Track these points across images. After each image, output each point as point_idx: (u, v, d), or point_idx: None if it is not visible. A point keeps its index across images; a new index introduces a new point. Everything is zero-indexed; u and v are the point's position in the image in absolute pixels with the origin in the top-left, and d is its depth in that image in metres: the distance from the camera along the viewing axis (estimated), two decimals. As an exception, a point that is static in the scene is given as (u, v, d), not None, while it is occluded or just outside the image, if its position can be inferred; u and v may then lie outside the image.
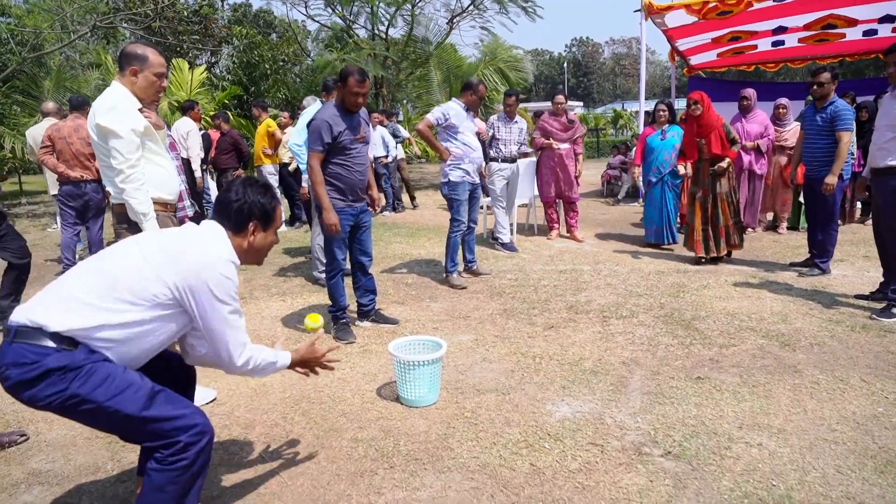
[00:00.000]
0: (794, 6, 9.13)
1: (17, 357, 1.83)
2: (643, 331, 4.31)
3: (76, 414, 1.90)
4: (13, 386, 1.85)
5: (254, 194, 2.15)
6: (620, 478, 2.53)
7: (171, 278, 1.95)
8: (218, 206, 2.17)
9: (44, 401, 1.84)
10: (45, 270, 7.01)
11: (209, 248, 2.03)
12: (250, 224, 2.16)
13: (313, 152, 4.04)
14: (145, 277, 1.94)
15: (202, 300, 1.98)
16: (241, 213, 2.13)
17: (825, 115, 5.43)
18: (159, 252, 1.99)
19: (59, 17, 13.31)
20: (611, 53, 78.10)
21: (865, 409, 3.06)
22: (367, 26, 16.21)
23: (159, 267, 1.95)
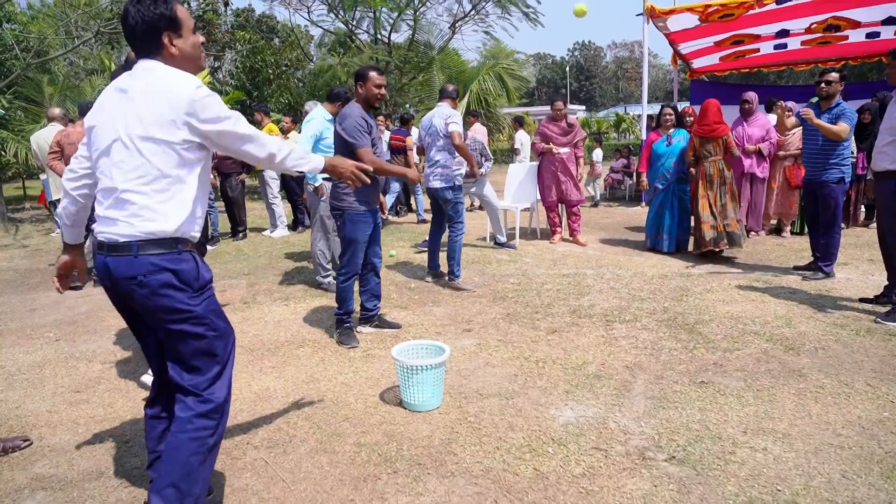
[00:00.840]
0: (796, 9, 9.14)
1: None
2: (647, 335, 4.30)
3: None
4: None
5: (146, 8, 2.02)
6: (624, 483, 2.52)
7: (176, 135, 1.99)
8: (127, 36, 2.08)
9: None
10: (49, 275, 7.03)
11: (172, 87, 2.00)
12: (163, 38, 2.05)
13: (364, 147, 4.04)
14: (156, 157, 1.99)
15: (210, 129, 2.05)
16: (147, 31, 2.03)
17: (830, 117, 5.41)
18: (141, 127, 1.99)
19: (64, 23, 13.36)
20: (613, 57, 78.18)
21: (871, 414, 3.05)
22: (370, 31, 16.25)
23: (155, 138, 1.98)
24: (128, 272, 2.00)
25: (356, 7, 15.04)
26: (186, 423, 2.08)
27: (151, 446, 2.36)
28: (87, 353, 4.34)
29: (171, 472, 2.06)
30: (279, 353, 4.19)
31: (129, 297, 2.06)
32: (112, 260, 2.02)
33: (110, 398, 3.54)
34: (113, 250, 2.01)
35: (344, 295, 4.33)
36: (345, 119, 4.07)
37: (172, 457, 2.07)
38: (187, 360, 2.12)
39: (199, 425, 2.09)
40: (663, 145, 6.99)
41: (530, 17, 14.64)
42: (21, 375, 3.97)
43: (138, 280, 2.00)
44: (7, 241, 9.60)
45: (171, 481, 2.05)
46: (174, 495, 2.05)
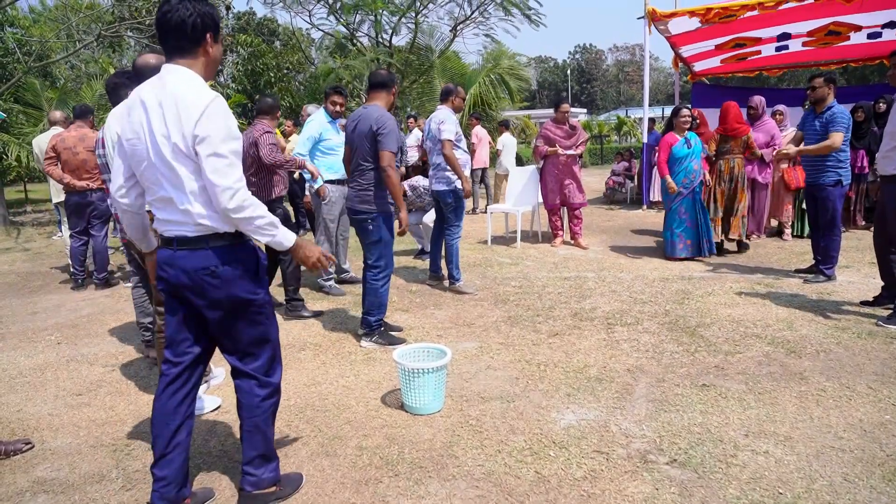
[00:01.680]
0: (797, 12, 9.15)
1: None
2: (648, 338, 4.30)
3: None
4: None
5: (201, 6, 2.10)
6: (626, 486, 2.52)
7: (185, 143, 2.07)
8: (169, 29, 2.10)
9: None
10: (51, 278, 7.04)
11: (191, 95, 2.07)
12: (207, 37, 2.14)
13: (393, 153, 4.14)
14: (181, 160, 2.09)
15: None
16: (196, 27, 2.10)
17: (823, 121, 5.43)
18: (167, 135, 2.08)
19: (65, 27, 13.40)
20: (614, 60, 78.24)
21: (872, 417, 3.04)
22: (371, 34, 16.28)
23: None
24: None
25: (357, 10, 15.07)
26: (255, 409, 2.39)
27: (162, 446, 2.31)
28: (89, 356, 4.35)
29: (257, 447, 2.42)
30: (280, 356, 4.18)
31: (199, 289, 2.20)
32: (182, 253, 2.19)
33: (112, 401, 3.55)
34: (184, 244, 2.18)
35: (383, 298, 4.34)
36: (385, 125, 4.08)
37: (255, 436, 2.41)
38: (247, 347, 2.34)
39: (265, 407, 2.41)
40: (684, 147, 6.65)
41: (532, 19, 14.65)
42: (23, 378, 3.97)
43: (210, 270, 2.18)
44: (9, 244, 9.62)
45: (259, 453, 2.42)
46: (262, 462, 2.44)
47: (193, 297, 2.23)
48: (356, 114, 4.32)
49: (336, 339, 4.49)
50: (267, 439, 2.44)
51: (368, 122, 4.14)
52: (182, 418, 2.35)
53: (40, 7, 19.87)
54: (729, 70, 12.92)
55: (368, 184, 4.21)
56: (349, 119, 4.40)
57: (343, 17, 15.19)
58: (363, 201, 4.22)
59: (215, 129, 2.05)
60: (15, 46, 13.85)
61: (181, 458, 2.35)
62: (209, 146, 2.04)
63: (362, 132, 4.17)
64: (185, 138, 2.04)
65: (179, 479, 2.34)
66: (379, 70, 4.55)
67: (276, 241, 2.22)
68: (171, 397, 2.34)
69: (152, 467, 2.33)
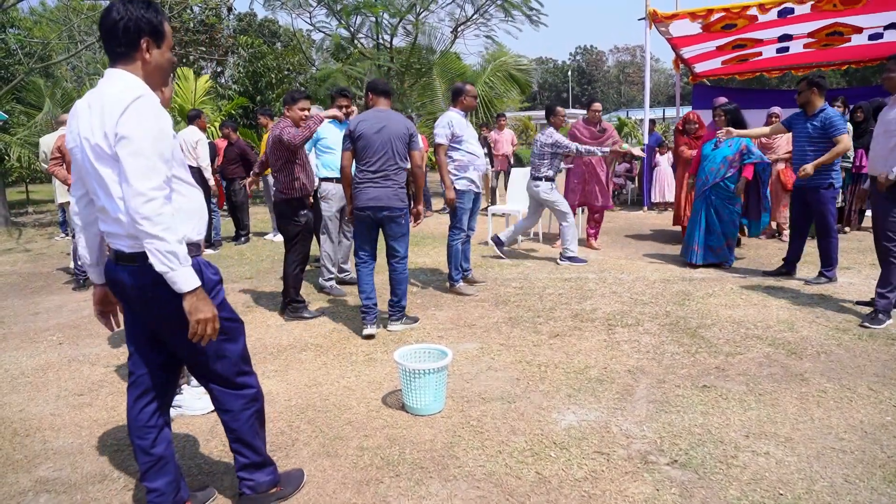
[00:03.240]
0: (798, 18, 9.17)
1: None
2: (649, 339, 4.30)
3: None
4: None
5: (136, 10, 2.00)
6: (626, 487, 2.53)
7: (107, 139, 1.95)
8: (104, 33, 2.03)
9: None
10: (53, 279, 7.05)
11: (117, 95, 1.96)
12: (142, 42, 2.03)
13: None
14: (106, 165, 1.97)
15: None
16: (128, 31, 2.00)
17: (815, 124, 5.43)
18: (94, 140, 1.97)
19: (67, 28, 13.42)
20: (615, 62, 78.27)
21: (873, 418, 3.05)
22: (372, 35, 16.29)
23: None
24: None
25: (357, 13, 15.08)
26: (234, 422, 2.33)
27: (144, 460, 2.26)
28: (91, 356, 4.36)
29: (246, 456, 2.38)
30: (281, 356, 4.20)
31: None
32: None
33: (113, 401, 3.55)
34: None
35: (408, 284, 4.77)
36: (414, 127, 4.61)
37: (241, 448, 2.37)
38: (204, 366, 2.24)
39: (244, 419, 2.34)
40: (710, 147, 6.46)
41: (533, 20, 14.65)
42: (24, 379, 3.98)
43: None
44: (10, 244, 9.63)
45: (249, 462, 2.38)
46: (255, 469, 2.41)
47: (141, 312, 2.16)
48: (371, 117, 4.44)
49: (337, 340, 4.50)
50: (254, 448, 2.38)
51: (402, 124, 4.47)
52: (156, 432, 2.28)
53: (41, 9, 19.91)
54: (730, 71, 12.91)
55: (403, 181, 4.52)
56: (360, 121, 4.45)
57: (344, 19, 15.18)
58: (400, 199, 4.49)
59: (138, 127, 1.89)
60: (16, 47, 13.87)
61: (170, 469, 2.30)
62: (129, 145, 1.88)
63: (396, 134, 4.43)
64: (107, 138, 1.92)
65: (172, 489, 2.29)
66: (379, 79, 4.78)
67: (170, 276, 1.92)
68: (141, 410, 2.27)
69: (142, 480, 2.29)
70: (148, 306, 2.11)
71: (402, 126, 4.45)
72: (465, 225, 5.64)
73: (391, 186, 4.43)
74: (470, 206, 5.62)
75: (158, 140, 1.94)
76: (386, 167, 4.42)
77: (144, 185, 1.88)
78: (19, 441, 3.12)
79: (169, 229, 1.90)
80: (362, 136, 4.38)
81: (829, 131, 5.33)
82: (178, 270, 1.92)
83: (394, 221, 4.49)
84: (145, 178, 1.89)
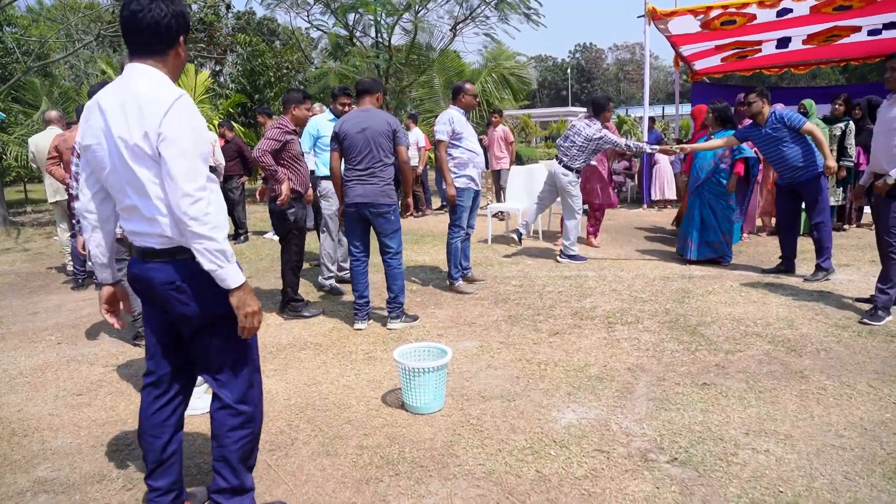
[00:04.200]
0: (797, 20, 9.17)
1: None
2: (648, 337, 4.30)
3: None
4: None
5: (176, 6, 1.99)
6: (627, 485, 2.52)
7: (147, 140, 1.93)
8: (142, 28, 1.96)
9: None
10: (51, 279, 7.04)
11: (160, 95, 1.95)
12: (180, 38, 2.04)
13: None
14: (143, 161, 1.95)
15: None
16: (170, 28, 1.99)
17: (775, 126, 5.54)
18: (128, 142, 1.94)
19: (64, 27, 13.40)
20: (614, 59, 78.20)
21: (873, 415, 3.04)
22: (371, 34, 16.26)
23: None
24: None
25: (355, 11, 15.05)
26: (224, 439, 2.20)
27: (153, 459, 2.27)
28: (89, 356, 4.35)
29: (226, 479, 2.22)
30: (281, 355, 4.19)
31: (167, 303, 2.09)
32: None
33: (112, 401, 3.55)
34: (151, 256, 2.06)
35: (404, 280, 4.78)
36: (399, 123, 4.56)
37: (223, 469, 2.22)
38: (221, 369, 2.18)
39: (235, 438, 2.21)
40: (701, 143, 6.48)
41: (531, 19, 14.62)
42: (23, 378, 3.97)
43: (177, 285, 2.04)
44: (9, 244, 9.61)
45: (228, 486, 2.23)
46: (232, 495, 2.25)
47: (165, 310, 2.13)
48: (355, 117, 4.53)
49: (336, 339, 4.50)
50: (237, 473, 2.23)
51: (384, 122, 4.48)
52: (171, 432, 2.28)
53: (38, 7, 19.87)
54: (730, 69, 12.91)
55: (389, 178, 4.55)
56: (344, 121, 4.55)
57: (341, 17, 15.16)
58: (387, 195, 4.52)
59: (181, 128, 1.90)
60: (14, 46, 13.84)
61: (175, 469, 2.30)
62: (173, 145, 1.89)
63: (379, 132, 4.46)
64: (149, 138, 1.90)
65: (175, 488, 2.30)
66: (364, 78, 4.79)
67: (218, 274, 1.96)
68: (157, 411, 2.27)
69: (146, 479, 2.29)
70: (175, 303, 2.07)
71: (384, 123, 4.47)
72: (464, 223, 5.63)
73: (377, 183, 4.49)
74: (469, 203, 5.61)
75: (199, 140, 1.95)
76: (371, 165, 4.48)
77: (190, 185, 1.90)
78: (17, 441, 3.11)
79: (216, 228, 1.93)
80: (347, 135, 4.50)
81: (791, 125, 5.45)
82: (225, 268, 1.96)
83: (382, 217, 4.54)
84: (191, 180, 1.90)
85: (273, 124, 4.79)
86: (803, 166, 5.50)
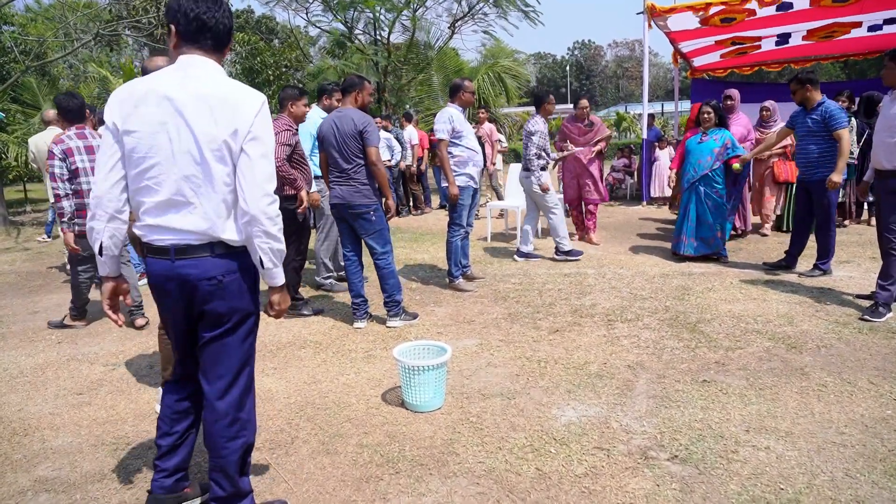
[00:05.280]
0: (797, 15, 9.15)
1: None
2: (648, 334, 4.29)
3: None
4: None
5: (231, 15, 2.11)
6: (627, 482, 2.52)
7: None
8: (205, 28, 2.03)
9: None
10: (51, 278, 7.03)
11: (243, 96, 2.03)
12: (230, 42, 2.14)
13: (378, 148, 4.49)
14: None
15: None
16: (229, 33, 2.11)
17: (815, 118, 5.44)
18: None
19: (63, 26, 13.37)
20: (613, 56, 78.11)
21: (874, 412, 3.04)
22: (369, 31, 16.24)
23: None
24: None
25: (353, 8, 15.03)
26: (221, 449, 2.19)
27: (168, 443, 2.34)
28: (90, 355, 4.35)
29: (223, 488, 2.21)
30: (280, 354, 4.19)
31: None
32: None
33: (112, 400, 3.54)
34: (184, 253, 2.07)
35: (397, 276, 4.71)
36: (368, 123, 4.42)
37: (220, 478, 2.21)
38: (227, 371, 2.17)
39: (232, 449, 2.19)
40: (695, 142, 6.54)
41: (529, 16, 14.61)
42: (23, 378, 3.97)
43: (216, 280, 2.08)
44: (9, 244, 9.60)
45: (225, 494, 2.22)
46: (230, 501, 2.23)
47: (191, 308, 2.11)
48: (333, 117, 4.55)
49: (336, 337, 4.50)
50: (234, 482, 2.22)
51: (351, 122, 4.40)
52: (190, 422, 2.36)
53: (36, 6, 19.82)
54: (729, 65, 12.88)
55: (364, 179, 4.49)
56: (324, 122, 4.59)
57: (339, 14, 15.13)
58: (364, 196, 4.48)
59: (268, 130, 2.01)
60: (12, 45, 13.81)
61: (185, 452, 2.38)
62: (261, 147, 1.98)
63: (347, 132, 4.41)
64: (237, 135, 1.95)
65: (181, 470, 2.38)
66: (350, 76, 4.74)
67: (272, 272, 2.10)
68: (179, 401, 2.34)
69: (156, 459, 2.36)
70: (209, 298, 2.06)
71: (352, 124, 4.39)
72: (464, 221, 5.63)
73: (353, 184, 4.49)
74: (469, 201, 5.61)
75: (272, 147, 2.05)
76: (346, 166, 4.48)
77: (270, 186, 2.01)
78: (18, 440, 3.11)
79: (282, 230, 2.06)
80: (324, 137, 4.55)
81: (829, 124, 5.34)
82: (278, 267, 2.11)
83: (361, 218, 4.53)
84: (271, 181, 2.01)
85: (278, 124, 4.72)
86: (820, 165, 5.45)
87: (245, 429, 2.22)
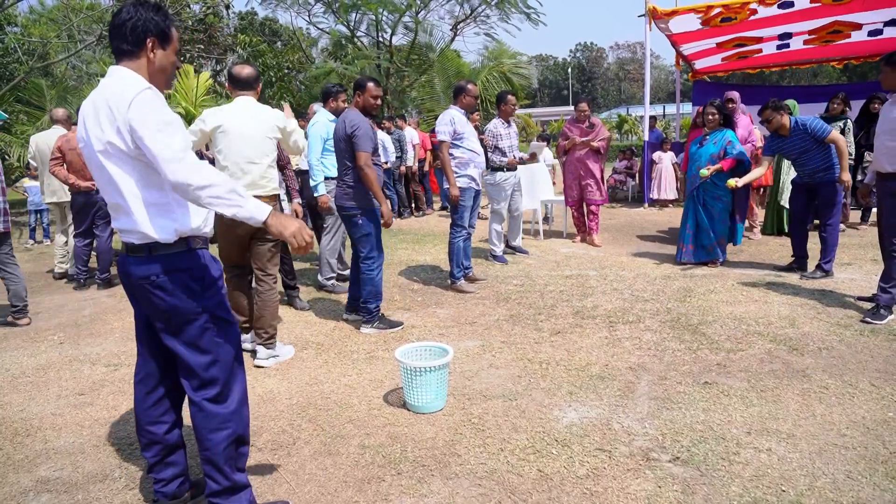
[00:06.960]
0: (798, 14, 9.16)
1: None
2: (650, 336, 4.29)
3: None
4: None
5: (145, 12, 2.09)
6: (628, 484, 2.52)
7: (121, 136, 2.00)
8: (112, 30, 2.11)
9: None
10: (52, 279, 7.04)
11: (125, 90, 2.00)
12: (147, 41, 2.09)
13: (368, 152, 4.36)
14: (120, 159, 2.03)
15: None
16: (135, 30, 2.07)
17: (802, 137, 5.57)
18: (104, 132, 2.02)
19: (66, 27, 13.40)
20: (615, 58, 78.20)
21: (875, 414, 3.04)
22: (371, 34, 16.26)
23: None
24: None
25: (355, 10, 15.05)
26: (206, 441, 2.21)
27: (153, 452, 2.34)
28: (91, 355, 4.35)
29: (217, 482, 2.23)
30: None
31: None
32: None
33: (114, 401, 3.55)
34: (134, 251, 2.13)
35: (379, 286, 4.64)
36: (358, 127, 4.32)
37: (212, 472, 2.23)
38: (194, 368, 2.18)
39: (217, 441, 2.20)
40: (695, 146, 6.47)
41: (531, 18, 14.62)
42: (25, 378, 3.98)
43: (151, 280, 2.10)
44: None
45: (221, 488, 2.24)
46: (229, 494, 2.25)
47: (142, 305, 2.21)
48: (339, 119, 4.57)
49: (338, 338, 4.50)
50: (226, 475, 2.23)
51: (342, 126, 4.41)
52: (169, 425, 2.35)
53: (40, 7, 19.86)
54: (730, 68, 12.90)
55: (353, 182, 4.48)
56: (336, 124, 4.63)
57: (341, 16, 15.16)
58: (350, 198, 4.49)
59: (149, 112, 1.95)
60: (15, 46, 13.84)
61: (179, 459, 2.38)
62: (144, 125, 1.93)
63: (340, 135, 4.43)
64: (121, 133, 1.97)
65: (180, 477, 2.38)
66: (359, 78, 4.76)
67: (242, 214, 1.98)
68: (153, 405, 2.33)
69: (149, 473, 2.36)
70: (150, 298, 2.13)
71: (343, 127, 4.40)
72: (466, 222, 5.64)
73: (341, 186, 4.54)
74: (471, 203, 5.62)
75: (167, 122, 1.98)
76: (340, 168, 4.55)
77: (170, 150, 1.93)
78: (20, 441, 3.11)
79: (212, 175, 1.95)
80: (327, 140, 4.63)
81: (817, 135, 5.48)
82: (245, 206, 1.98)
83: (349, 221, 4.58)
84: (168, 145, 1.94)
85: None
86: (826, 168, 5.56)
87: (229, 420, 2.23)
